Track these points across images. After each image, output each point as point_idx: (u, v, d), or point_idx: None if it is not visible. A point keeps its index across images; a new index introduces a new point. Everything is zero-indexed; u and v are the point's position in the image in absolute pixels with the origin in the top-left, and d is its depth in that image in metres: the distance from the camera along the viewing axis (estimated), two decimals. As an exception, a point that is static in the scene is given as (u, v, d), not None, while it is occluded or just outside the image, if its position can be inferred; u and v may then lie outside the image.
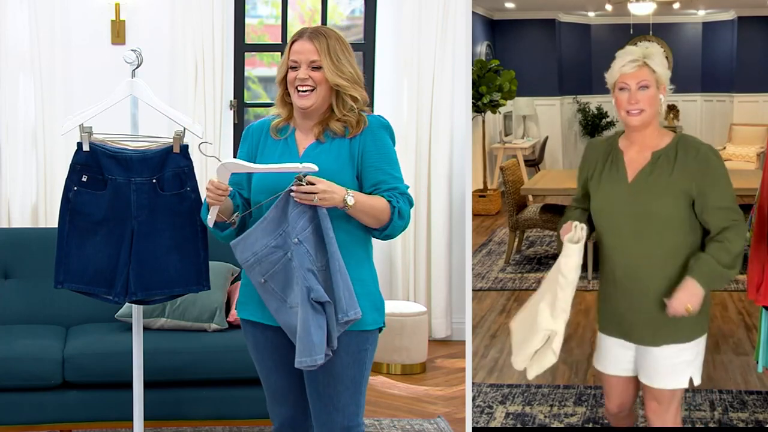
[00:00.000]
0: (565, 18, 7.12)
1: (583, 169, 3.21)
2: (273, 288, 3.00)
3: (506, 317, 4.97)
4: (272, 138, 3.12)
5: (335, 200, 2.92)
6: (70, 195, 3.53)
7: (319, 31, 3.02)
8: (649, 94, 3.00)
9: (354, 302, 2.94)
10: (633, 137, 3.09)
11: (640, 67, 2.99)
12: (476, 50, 6.44)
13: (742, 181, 4.92)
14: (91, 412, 4.25)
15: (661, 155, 3.04)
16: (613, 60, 3.07)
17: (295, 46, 3.02)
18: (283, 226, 2.96)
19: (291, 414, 3.20)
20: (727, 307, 5.06)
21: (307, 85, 3.00)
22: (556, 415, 4.17)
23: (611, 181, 3.09)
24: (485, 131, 6.29)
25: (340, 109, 3.03)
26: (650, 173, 3.03)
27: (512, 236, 5.63)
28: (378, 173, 3.02)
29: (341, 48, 3.01)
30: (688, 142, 3.05)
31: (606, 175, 3.11)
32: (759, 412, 4.17)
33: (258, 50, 6.80)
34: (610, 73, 3.05)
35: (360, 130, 3.03)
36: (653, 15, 7.12)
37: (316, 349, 2.90)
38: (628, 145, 3.11)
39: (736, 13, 7.24)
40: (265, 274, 3.01)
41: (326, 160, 3.01)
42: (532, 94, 7.02)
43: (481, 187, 6.37)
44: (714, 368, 4.52)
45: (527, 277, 5.43)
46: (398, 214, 3.00)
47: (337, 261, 2.93)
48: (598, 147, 3.19)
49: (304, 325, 2.91)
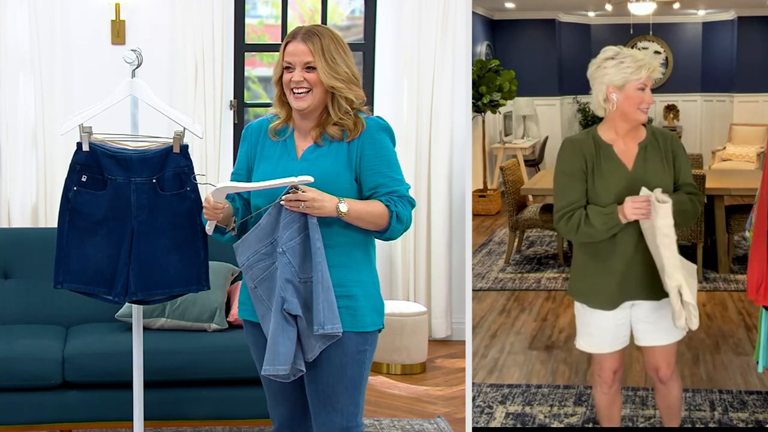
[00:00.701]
0: (565, 18, 7.11)
1: (581, 169, 3.34)
2: (261, 294, 3.02)
3: (506, 317, 4.97)
4: (271, 139, 3.11)
5: (326, 209, 2.93)
6: (69, 195, 3.53)
7: (313, 31, 3.00)
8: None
9: (334, 317, 2.93)
10: (623, 131, 3.37)
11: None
12: (476, 50, 6.43)
13: (742, 181, 4.92)
14: (91, 412, 4.25)
15: (647, 144, 3.37)
16: (608, 59, 3.36)
17: (289, 48, 3.01)
18: (274, 235, 2.96)
19: (290, 414, 3.20)
20: (727, 307, 5.05)
21: (302, 87, 2.99)
22: (556, 415, 4.17)
23: (610, 171, 3.34)
24: (485, 131, 6.28)
25: (335, 111, 3.01)
26: (645, 160, 3.35)
27: (512, 236, 5.62)
28: (376, 176, 3.02)
29: (336, 47, 2.99)
30: (659, 131, 3.45)
31: (604, 169, 3.34)
32: (759, 412, 4.17)
33: (258, 50, 6.80)
34: (635, 74, 3.28)
35: (358, 133, 3.01)
36: (653, 15, 7.11)
37: (281, 359, 2.91)
38: (614, 139, 3.37)
39: (736, 13, 7.23)
40: (255, 279, 3.02)
41: (324, 164, 3.01)
42: (532, 94, 7.00)
43: (481, 187, 6.35)
44: (714, 368, 4.52)
45: (527, 277, 5.43)
46: (396, 218, 2.99)
47: (321, 273, 2.92)
48: (585, 144, 3.37)
49: (272, 334, 2.93)
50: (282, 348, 2.91)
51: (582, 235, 3.32)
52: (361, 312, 3.03)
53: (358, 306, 3.03)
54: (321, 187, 2.96)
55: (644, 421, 4.13)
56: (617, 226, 3.28)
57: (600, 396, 3.66)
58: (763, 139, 7.05)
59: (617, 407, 3.70)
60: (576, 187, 3.32)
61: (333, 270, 2.97)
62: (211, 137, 6.22)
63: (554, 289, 5.26)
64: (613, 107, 3.31)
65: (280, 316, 2.93)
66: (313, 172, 2.98)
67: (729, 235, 5.22)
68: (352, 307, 3.01)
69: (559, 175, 3.38)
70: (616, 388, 3.62)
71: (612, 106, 3.31)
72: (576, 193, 3.33)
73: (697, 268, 5.15)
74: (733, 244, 5.31)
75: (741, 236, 5.28)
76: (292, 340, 2.92)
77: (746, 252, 3.93)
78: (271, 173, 3.05)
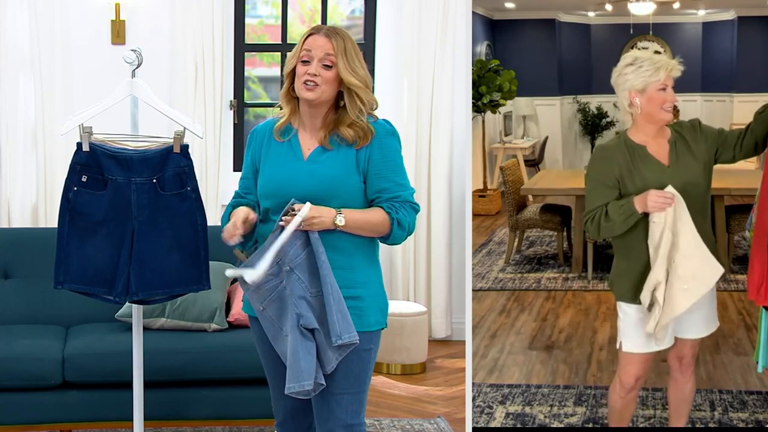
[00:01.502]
0: (565, 18, 7.11)
1: (613, 176, 3.44)
2: (270, 316, 3.03)
3: (506, 317, 4.97)
4: (276, 141, 3.12)
5: (325, 223, 2.96)
6: (70, 195, 3.53)
7: (336, 30, 3.04)
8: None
9: (349, 326, 2.95)
10: (652, 132, 3.46)
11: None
12: (476, 50, 6.43)
13: (742, 181, 4.92)
14: (91, 412, 4.25)
15: (675, 140, 3.47)
16: (618, 59, 3.45)
17: (309, 40, 3.01)
18: (279, 254, 2.97)
19: (294, 406, 3.22)
20: (727, 307, 5.05)
21: (315, 80, 2.99)
22: (556, 415, 4.17)
23: (649, 171, 3.43)
24: (485, 131, 6.27)
25: (353, 109, 3.02)
26: (678, 155, 3.45)
27: (512, 236, 5.62)
28: (381, 181, 3.03)
29: (355, 52, 3.03)
30: (678, 124, 3.55)
31: (642, 170, 3.43)
32: (759, 412, 4.17)
33: (258, 50, 6.80)
34: (654, 76, 3.37)
35: (368, 141, 3.03)
36: (653, 15, 7.11)
37: (304, 375, 2.93)
38: (645, 140, 3.47)
39: (736, 13, 7.22)
40: (263, 301, 3.03)
41: (333, 166, 3.03)
42: (532, 94, 7.00)
43: (481, 187, 6.35)
44: (714, 368, 4.52)
45: (527, 277, 5.43)
46: (397, 224, 3.02)
47: (330, 285, 2.95)
48: (618, 151, 3.47)
49: (292, 351, 2.94)
50: (304, 364, 2.93)
51: (604, 230, 3.43)
52: (366, 312, 3.05)
53: (363, 306, 3.05)
54: (330, 189, 2.99)
55: (644, 421, 4.13)
56: (633, 216, 3.37)
57: (616, 399, 3.68)
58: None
59: (630, 412, 3.72)
60: (604, 193, 3.44)
61: (339, 272, 2.99)
62: (211, 137, 6.22)
63: (554, 289, 5.26)
64: (638, 111, 3.42)
65: (298, 332, 2.94)
66: (322, 173, 3.01)
67: (729, 235, 5.22)
68: (358, 307, 3.03)
69: (590, 180, 3.50)
70: (633, 394, 3.65)
71: (637, 110, 3.42)
72: (604, 198, 3.43)
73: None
74: (733, 244, 5.31)
75: (741, 236, 5.27)
76: (312, 354, 2.94)
77: (746, 252, 3.93)
78: (277, 173, 3.06)
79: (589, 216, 3.46)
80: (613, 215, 3.38)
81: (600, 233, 3.44)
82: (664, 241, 3.35)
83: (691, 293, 3.37)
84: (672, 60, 3.41)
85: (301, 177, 3.03)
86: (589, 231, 3.50)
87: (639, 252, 3.45)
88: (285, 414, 3.25)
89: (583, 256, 5.32)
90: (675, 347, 3.60)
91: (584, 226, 3.50)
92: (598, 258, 5.28)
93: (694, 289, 3.38)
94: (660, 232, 3.35)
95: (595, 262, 5.31)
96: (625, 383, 3.61)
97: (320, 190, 3.00)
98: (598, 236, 3.50)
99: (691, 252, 3.36)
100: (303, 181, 3.02)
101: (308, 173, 3.02)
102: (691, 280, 3.36)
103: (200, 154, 6.13)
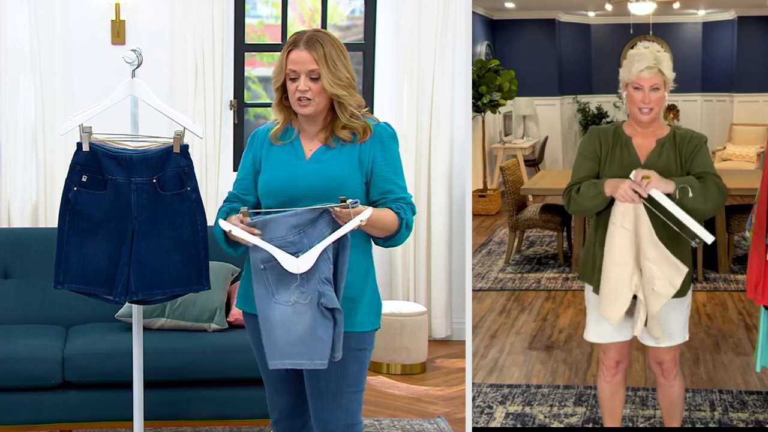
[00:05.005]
0: (565, 18, 7.12)
1: (594, 151, 3.49)
2: (267, 277, 3.01)
3: (506, 317, 4.97)
4: (275, 144, 3.13)
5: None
6: (70, 195, 3.53)
7: (314, 38, 3.03)
8: (659, 95, 3.43)
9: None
10: (639, 129, 3.49)
11: (654, 73, 3.40)
12: (476, 50, 6.43)
13: (742, 181, 4.93)
14: (91, 412, 4.25)
15: (665, 142, 3.47)
16: (618, 59, 3.36)
17: (292, 56, 3.03)
18: (307, 228, 2.97)
19: (290, 403, 3.24)
20: (727, 307, 5.06)
21: (306, 95, 3.02)
22: (556, 415, 4.17)
23: (623, 162, 3.45)
24: (485, 131, 6.27)
25: (344, 115, 3.06)
26: (659, 156, 3.45)
27: (512, 236, 5.62)
28: (386, 183, 3.08)
29: (337, 53, 3.03)
30: (681, 131, 3.54)
31: (618, 156, 3.47)
32: (759, 412, 4.17)
33: (258, 50, 6.80)
34: (626, 74, 3.42)
35: (368, 136, 3.07)
36: (653, 15, 7.11)
37: (317, 352, 2.96)
38: (634, 133, 3.50)
39: (736, 13, 7.23)
40: (267, 262, 3.01)
41: (336, 165, 3.05)
42: (532, 94, 7.00)
43: (481, 187, 6.35)
44: (714, 368, 4.53)
45: (527, 277, 5.43)
46: (405, 225, 3.07)
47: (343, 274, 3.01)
48: (605, 133, 3.52)
49: (311, 328, 2.96)
50: (322, 340, 2.96)
51: (573, 203, 3.47)
52: (360, 313, 3.09)
53: (359, 308, 3.08)
54: (332, 188, 3.01)
55: (644, 421, 4.13)
56: (600, 195, 3.37)
57: (603, 385, 3.70)
58: (763, 139, 7.05)
59: (619, 400, 3.72)
60: (586, 165, 3.49)
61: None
62: (211, 137, 6.22)
63: (554, 289, 5.27)
64: (625, 105, 3.50)
65: (317, 311, 2.96)
66: (325, 172, 3.04)
67: (729, 235, 5.23)
68: (352, 308, 3.06)
69: (577, 155, 3.55)
70: (619, 378, 3.67)
71: (624, 104, 3.50)
72: (584, 171, 3.48)
73: (698, 268, 5.16)
74: (733, 244, 5.32)
75: (741, 236, 5.28)
76: (329, 333, 2.97)
77: (746, 252, 3.93)
78: (280, 172, 3.08)
79: (568, 188, 3.50)
80: (584, 190, 3.41)
81: (571, 206, 3.48)
82: (630, 246, 3.36)
83: (661, 295, 3.38)
84: (644, 59, 3.38)
85: (304, 175, 3.05)
86: (565, 203, 3.54)
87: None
88: (280, 412, 3.26)
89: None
90: (652, 353, 3.61)
91: (563, 198, 3.54)
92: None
93: (663, 290, 3.38)
94: (622, 237, 3.36)
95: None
96: (607, 367, 3.65)
97: (323, 189, 3.02)
98: (569, 209, 3.53)
99: (653, 255, 3.35)
100: (306, 179, 3.04)
101: (311, 172, 3.05)
102: (657, 281, 3.37)
103: (200, 154, 6.14)
